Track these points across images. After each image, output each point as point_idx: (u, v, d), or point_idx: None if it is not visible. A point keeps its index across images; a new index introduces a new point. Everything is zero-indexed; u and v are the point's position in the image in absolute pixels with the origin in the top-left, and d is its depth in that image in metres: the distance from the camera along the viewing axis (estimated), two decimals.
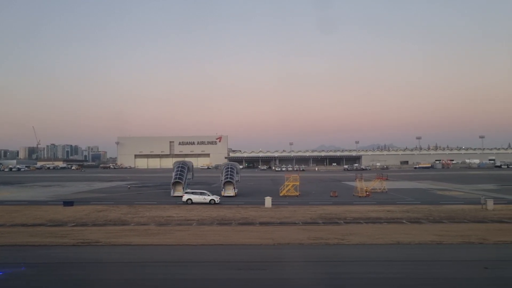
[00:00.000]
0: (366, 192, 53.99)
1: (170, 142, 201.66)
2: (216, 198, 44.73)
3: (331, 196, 53.11)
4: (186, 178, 54.44)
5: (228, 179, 52.94)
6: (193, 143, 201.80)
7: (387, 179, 63.01)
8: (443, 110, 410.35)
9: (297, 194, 53.38)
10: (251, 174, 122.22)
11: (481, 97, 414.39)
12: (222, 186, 53.37)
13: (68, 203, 42.29)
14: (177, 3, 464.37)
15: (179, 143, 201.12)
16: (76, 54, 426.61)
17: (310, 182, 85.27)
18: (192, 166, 59.57)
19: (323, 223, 33.05)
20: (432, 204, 44.66)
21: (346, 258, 22.11)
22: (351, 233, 28.13)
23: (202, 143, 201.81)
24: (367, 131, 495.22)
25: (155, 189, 65.79)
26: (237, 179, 56.23)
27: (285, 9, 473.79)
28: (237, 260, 21.62)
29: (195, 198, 44.09)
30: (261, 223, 32.98)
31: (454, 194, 56.59)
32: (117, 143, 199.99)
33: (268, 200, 42.16)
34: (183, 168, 54.97)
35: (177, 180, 53.14)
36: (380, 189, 59.13)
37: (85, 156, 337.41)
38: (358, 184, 54.60)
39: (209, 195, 44.79)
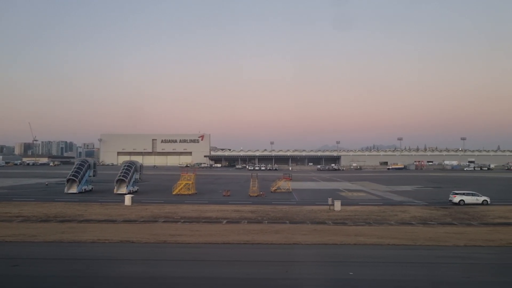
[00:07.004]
0: (261, 192, 53.93)
1: (152, 140, 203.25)
2: (488, 199, 45.43)
3: (223, 195, 52.97)
4: (83, 176, 54.66)
5: (121, 177, 53.10)
6: (176, 141, 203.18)
7: (291, 179, 62.73)
8: (444, 110, 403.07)
9: (190, 193, 53.29)
10: (209, 172, 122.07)
11: (470, 98, 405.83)
12: (115, 183, 53.59)
13: None
14: (169, 2, 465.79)
15: (162, 141, 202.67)
16: (74, 51, 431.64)
17: (247, 181, 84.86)
18: (95, 163, 59.79)
19: (142, 221, 33.13)
20: (305, 205, 44.15)
21: None
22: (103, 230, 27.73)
23: (185, 141, 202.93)
24: (367, 132, 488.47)
25: None
26: (137, 177, 56.48)
27: (273, 10, 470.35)
28: None
29: (467, 199, 45.22)
30: (84, 220, 33.22)
31: (356, 195, 55.80)
32: (100, 140, 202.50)
33: (127, 198, 42.30)
34: (81, 166, 55.29)
35: (71, 177, 53.52)
36: (285, 189, 58.81)
37: (80, 153, 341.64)
38: (251, 184, 54.27)
39: (481, 196, 45.86)
